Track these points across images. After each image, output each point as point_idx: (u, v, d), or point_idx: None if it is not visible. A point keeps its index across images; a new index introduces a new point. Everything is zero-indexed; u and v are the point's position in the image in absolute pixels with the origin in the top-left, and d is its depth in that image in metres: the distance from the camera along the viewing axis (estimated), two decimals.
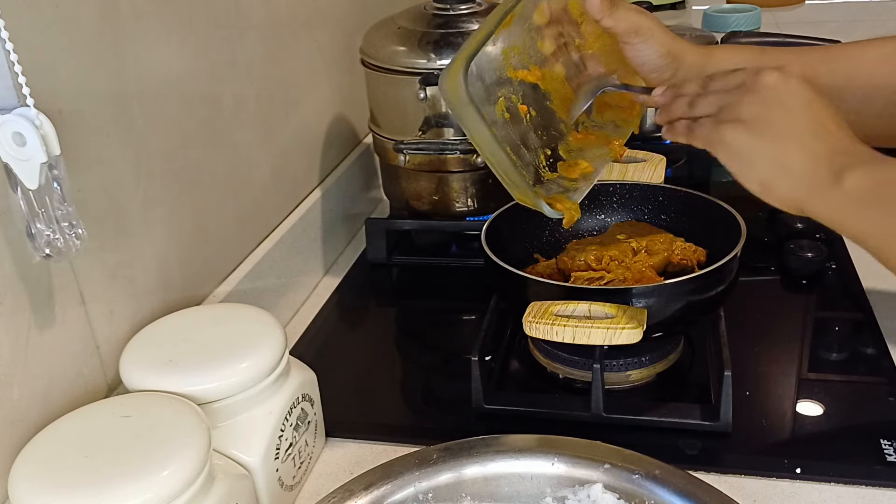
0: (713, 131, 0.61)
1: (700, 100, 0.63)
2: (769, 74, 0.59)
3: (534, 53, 0.71)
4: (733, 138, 0.59)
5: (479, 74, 0.66)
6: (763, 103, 0.59)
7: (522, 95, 0.70)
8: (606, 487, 0.58)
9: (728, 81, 0.62)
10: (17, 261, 0.56)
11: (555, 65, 0.73)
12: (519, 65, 0.70)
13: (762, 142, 0.58)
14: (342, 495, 0.57)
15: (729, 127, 0.59)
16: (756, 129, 0.58)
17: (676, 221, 0.87)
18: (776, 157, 0.58)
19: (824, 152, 0.57)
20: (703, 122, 0.62)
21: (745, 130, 0.59)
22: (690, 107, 0.64)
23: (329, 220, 1.04)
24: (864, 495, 0.64)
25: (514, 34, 0.69)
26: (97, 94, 0.64)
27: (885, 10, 1.77)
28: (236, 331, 0.66)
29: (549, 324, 0.66)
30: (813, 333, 0.85)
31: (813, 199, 0.57)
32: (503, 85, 0.69)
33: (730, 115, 0.60)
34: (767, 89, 0.59)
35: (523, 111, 0.70)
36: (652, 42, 0.72)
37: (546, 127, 0.72)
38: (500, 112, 0.67)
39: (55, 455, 0.53)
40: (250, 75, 0.87)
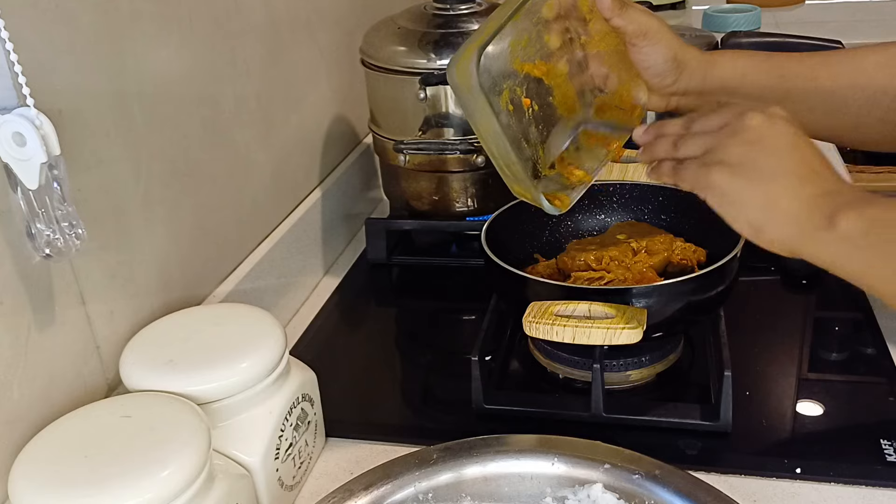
0: (699, 174, 0.60)
1: (684, 141, 0.62)
2: (754, 116, 0.59)
3: (540, 47, 0.71)
4: (720, 181, 0.59)
5: (487, 65, 0.65)
6: (749, 145, 0.58)
7: (527, 89, 0.70)
8: (606, 487, 0.58)
9: (711, 122, 0.61)
10: (17, 261, 0.56)
11: (559, 61, 0.72)
12: (525, 58, 0.70)
13: (749, 185, 0.58)
14: (342, 495, 0.57)
15: (715, 170, 0.59)
16: (742, 172, 0.58)
17: (676, 221, 0.87)
18: (764, 200, 0.58)
19: (813, 195, 0.57)
20: (688, 165, 0.62)
21: (732, 173, 0.58)
22: (674, 147, 0.63)
23: (329, 220, 1.04)
24: (864, 495, 0.64)
25: (522, 27, 0.69)
26: (97, 94, 0.64)
27: (885, 10, 1.77)
28: (236, 331, 0.66)
29: (549, 324, 0.66)
30: (813, 333, 0.85)
31: (805, 242, 0.57)
32: (509, 77, 0.68)
33: (715, 157, 0.59)
34: (752, 131, 0.58)
35: (526, 105, 0.70)
36: (659, 46, 0.72)
37: (546, 122, 0.71)
38: (504, 104, 0.67)
39: (55, 455, 0.53)
40: (250, 75, 0.87)
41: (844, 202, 0.56)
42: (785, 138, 0.59)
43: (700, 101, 0.76)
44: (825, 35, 1.16)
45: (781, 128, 0.59)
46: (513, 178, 0.69)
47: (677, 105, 0.76)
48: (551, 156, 0.72)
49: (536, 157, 0.70)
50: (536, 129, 0.71)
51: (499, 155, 0.68)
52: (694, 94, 0.75)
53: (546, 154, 0.71)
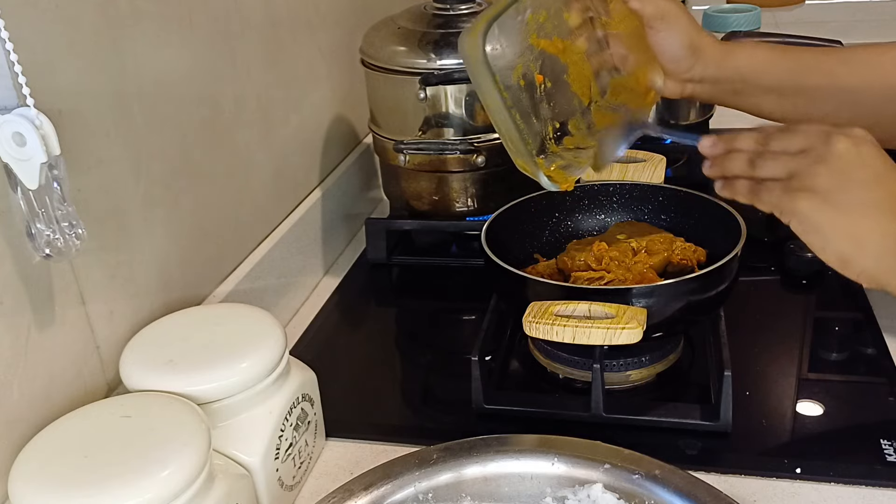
0: (785, 199, 0.59)
1: (764, 160, 0.61)
2: (841, 141, 0.57)
3: (558, 23, 0.70)
4: (807, 210, 0.57)
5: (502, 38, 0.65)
6: (838, 174, 0.57)
7: (541, 65, 0.70)
8: (606, 487, 0.58)
9: (793, 143, 0.60)
10: (17, 261, 0.56)
11: (578, 38, 0.72)
12: (542, 34, 0.69)
13: (838, 216, 0.57)
14: (342, 495, 0.57)
15: (802, 197, 0.57)
16: (831, 202, 0.57)
17: (676, 221, 0.87)
18: (854, 233, 0.57)
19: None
20: (770, 187, 0.60)
21: (821, 202, 0.57)
22: (751, 166, 0.61)
23: (329, 220, 1.04)
24: (864, 495, 0.64)
25: (540, 2, 0.68)
26: (97, 94, 0.64)
27: (886, 10, 1.77)
28: (236, 331, 0.66)
29: (549, 324, 0.66)
30: (813, 333, 0.85)
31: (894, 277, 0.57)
32: (524, 51, 0.68)
33: (802, 183, 0.58)
34: (841, 158, 0.57)
35: (539, 80, 0.69)
36: (676, 30, 0.71)
37: (559, 100, 0.71)
38: (516, 78, 0.67)
39: (55, 455, 0.53)
40: (250, 75, 0.87)
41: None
42: (873, 167, 0.57)
43: (715, 90, 0.75)
44: (825, 35, 1.16)
45: (869, 155, 0.58)
46: (515, 150, 0.69)
47: (692, 92, 0.76)
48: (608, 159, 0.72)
49: (545, 133, 0.70)
50: (548, 105, 0.70)
51: (502, 127, 0.67)
52: (709, 81, 0.75)
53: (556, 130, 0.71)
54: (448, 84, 0.92)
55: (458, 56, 0.89)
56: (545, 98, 0.70)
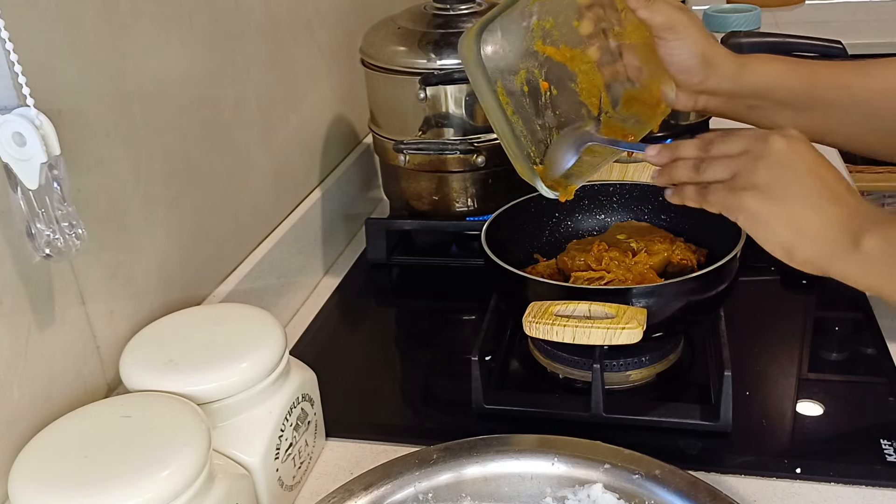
0: (730, 198, 0.62)
1: (708, 165, 0.63)
2: (777, 140, 0.61)
3: (567, 32, 0.70)
4: (751, 204, 0.60)
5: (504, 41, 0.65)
6: (776, 168, 0.60)
7: (546, 72, 0.69)
8: (606, 487, 0.58)
9: (732, 146, 0.63)
10: (17, 261, 0.56)
11: (589, 48, 0.72)
12: (549, 41, 0.69)
13: (780, 207, 0.59)
14: (342, 495, 0.57)
15: (746, 194, 0.60)
16: (772, 195, 0.60)
17: (676, 221, 0.87)
18: (794, 222, 0.59)
19: (839, 217, 0.59)
20: (715, 189, 0.63)
21: (763, 196, 0.60)
22: (697, 171, 0.64)
23: (329, 220, 1.04)
24: (864, 495, 0.64)
25: (549, 9, 0.68)
26: (97, 94, 0.64)
27: (886, 10, 1.77)
28: (236, 331, 0.66)
29: (549, 324, 0.66)
30: (813, 333, 0.85)
31: (834, 262, 0.59)
32: (528, 57, 0.68)
33: (745, 181, 0.61)
34: (777, 155, 0.60)
35: (544, 87, 0.69)
36: (686, 41, 0.71)
37: (565, 108, 0.71)
38: (518, 83, 0.67)
39: (55, 455, 0.53)
40: (250, 75, 0.87)
41: (869, 222, 0.58)
42: (808, 162, 0.60)
43: (730, 104, 0.76)
44: (825, 35, 1.16)
45: (803, 151, 0.61)
46: (513, 156, 0.69)
47: (705, 105, 0.75)
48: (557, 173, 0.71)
49: (549, 141, 0.70)
50: (553, 113, 0.70)
51: (500, 130, 0.67)
52: (724, 95, 0.75)
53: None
54: (448, 84, 0.92)
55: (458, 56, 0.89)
56: (550, 105, 0.70)
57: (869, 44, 1.55)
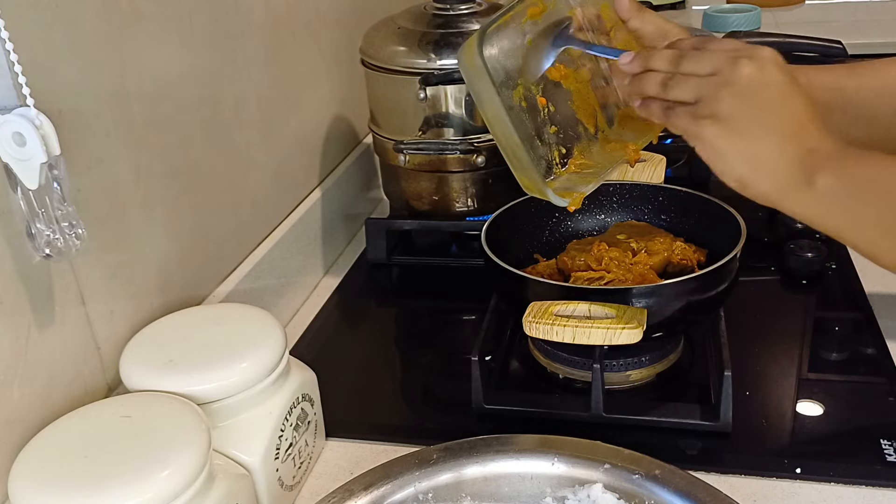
0: (691, 124, 0.61)
1: (676, 82, 0.62)
2: (746, 65, 0.59)
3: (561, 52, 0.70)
4: (710, 135, 0.59)
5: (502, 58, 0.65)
6: (739, 97, 0.59)
7: (543, 89, 0.70)
8: (606, 487, 0.58)
9: (702, 65, 0.61)
10: (17, 261, 0.56)
11: (581, 68, 0.72)
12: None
13: (738, 140, 0.59)
14: (342, 495, 0.57)
15: (706, 123, 0.59)
16: (732, 126, 0.59)
17: (676, 221, 0.87)
18: (752, 156, 0.59)
19: (796, 153, 0.58)
20: (679, 112, 0.62)
21: (723, 128, 0.59)
22: (664, 88, 0.63)
23: (329, 220, 1.04)
24: (864, 495, 0.64)
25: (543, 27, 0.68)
26: (97, 94, 0.64)
27: (886, 10, 1.77)
28: (236, 331, 0.66)
29: (549, 324, 0.66)
30: (813, 333, 0.85)
31: (786, 198, 0.59)
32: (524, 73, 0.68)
33: (707, 109, 0.60)
34: (744, 82, 0.59)
35: (542, 104, 0.69)
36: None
37: (563, 125, 0.71)
38: (517, 98, 0.67)
39: (55, 455, 0.53)
40: (250, 75, 0.87)
41: (824, 160, 0.58)
42: (775, 90, 0.59)
43: None
44: (825, 35, 1.16)
45: (773, 77, 0.59)
46: (519, 166, 0.68)
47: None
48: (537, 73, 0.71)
49: (551, 157, 0.70)
50: (553, 129, 0.70)
51: (504, 141, 0.67)
52: None
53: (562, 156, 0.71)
54: (448, 84, 0.92)
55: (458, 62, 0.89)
56: (549, 122, 0.70)
57: (869, 44, 1.55)
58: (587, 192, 0.71)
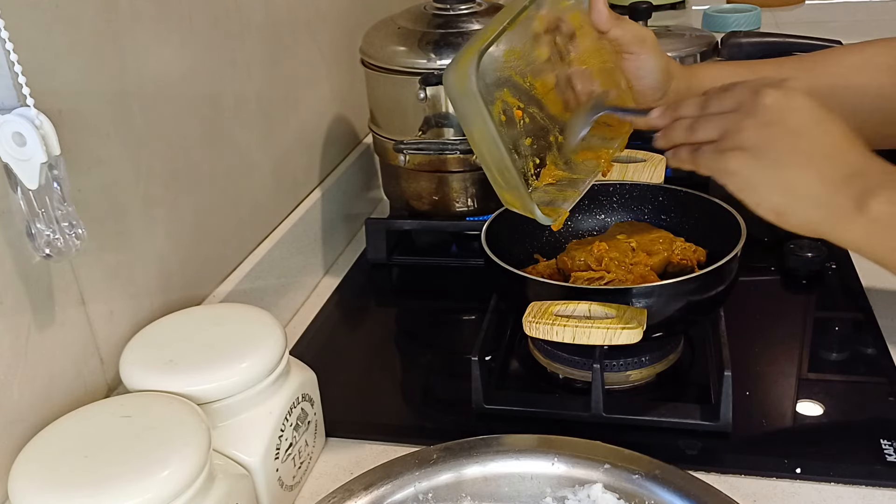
0: (717, 160, 0.58)
1: (700, 124, 0.60)
2: (768, 94, 0.57)
3: (532, 60, 0.71)
4: (738, 167, 0.57)
5: (483, 71, 0.65)
6: (765, 127, 0.56)
7: (519, 100, 0.70)
8: (606, 487, 0.58)
9: (725, 102, 0.59)
10: (17, 261, 0.56)
11: (549, 74, 0.72)
12: (518, 70, 0.70)
13: (769, 169, 0.56)
14: (342, 495, 0.57)
15: (733, 156, 0.57)
16: (761, 156, 0.56)
17: (676, 221, 0.87)
18: (786, 184, 0.56)
19: (839, 176, 0.55)
20: (705, 150, 0.60)
21: (750, 158, 0.56)
22: (691, 131, 0.61)
23: (329, 220, 1.04)
24: (864, 495, 0.64)
25: (515, 38, 0.68)
26: (97, 94, 0.64)
27: (885, 10, 1.77)
28: (236, 331, 0.66)
29: (549, 324, 0.66)
30: (813, 333, 0.85)
31: (832, 226, 0.56)
32: (502, 87, 0.68)
33: (732, 142, 0.57)
34: (768, 111, 0.56)
35: (518, 116, 0.69)
36: (655, 54, 0.72)
37: (537, 135, 0.71)
38: (496, 114, 0.67)
39: (55, 455, 0.53)
40: (250, 75, 0.87)
41: (874, 184, 0.54)
42: (803, 115, 0.56)
43: None
44: (825, 35, 1.16)
45: (800, 104, 0.56)
46: (506, 186, 0.68)
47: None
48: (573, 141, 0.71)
49: (527, 169, 0.70)
50: (528, 141, 0.70)
51: (492, 162, 0.67)
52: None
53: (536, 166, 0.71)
54: None
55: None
56: (524, 134, 0.70)
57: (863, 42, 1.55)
58: (568, 209, 0.72)
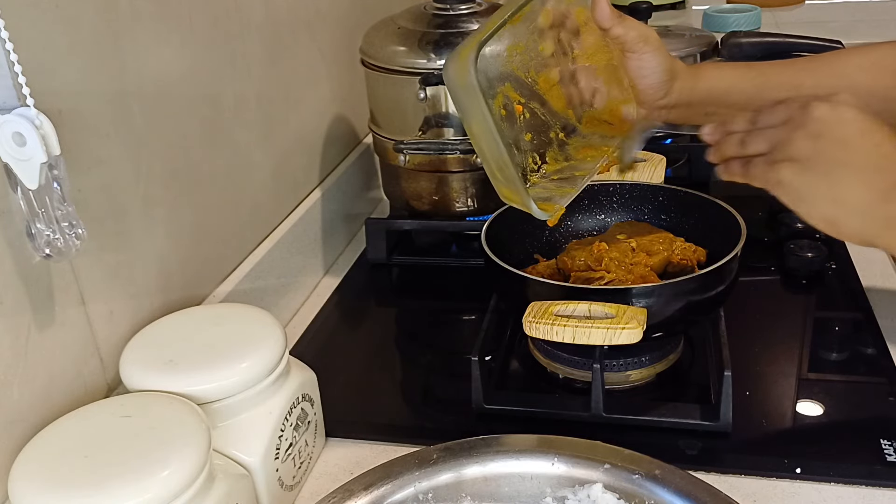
0: (769, 171, 0.59)
1: (751, 137, 0.61)
2: (818, 107, 0.58)
3: (535, 56, 0.71)
4: (789, 178, 0.58)
5: (484, 65, 0.65)
6: (815, 138, 0.57)
7: (520, 95, 0.70)
8: (606, 487, 0.58)
9: (776, 116, 0.60)
10: (17, 261, 0.56)
11: (552, 70, 0.72)
12: (520, 65, 0.70)
13: (819, 180, 0.57)
14: (342, 495, 0.57)
15: (784, 166, 0.58)
16: (811, 167, 0.57)
17: (676, 221, 0.87)
18: (837, 194, 0.57)
19: (889, 186, 0.56)
20: (757, 162, 0.61)
21: (801, 169, 0.57)
22: (742, 145, 0.62)
23: (329, 220, 1.04)
24: (864, 495, 0.64)
25: (519, 33, 0.69)
26: (97, 94, 0.64)
27: (885, 10, 1.77)
28: (236, 331, 0.66)
29: (549, 324, 0.66)
30: (813, 333, 0.85)
31: (884, 234, 0.56)
32: (504, 81, 0.68)
33: (783, 153, 0.58)
34: (817, 122, 0.57)
35: (518, 111, 0.70)
36: (658, 53, 0.72)
37: (537, 131, 0.71)
38: (497, 108, 0.67)
39: (55, 455, 0.53)
40: (250, 75, 0.87)
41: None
42: (852, 126, 0.57)
43: (688, 114, 0.76)
44: (825, 35, 1.16)
45: (848, 116, 0.57)
46: (503, 181, 0.68)
47: (666, 117, 0.76)
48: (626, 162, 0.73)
49: (526, 165, 0.70)
50: (527, 136, 0.70)
51: (490, 156, 0.67)
52: (682, 106, 0.75)
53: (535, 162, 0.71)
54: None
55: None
56: (524, 129, 0.70)
57: (869, 44, 1.55)
58: (565, 204, 0.72)
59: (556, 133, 0.73)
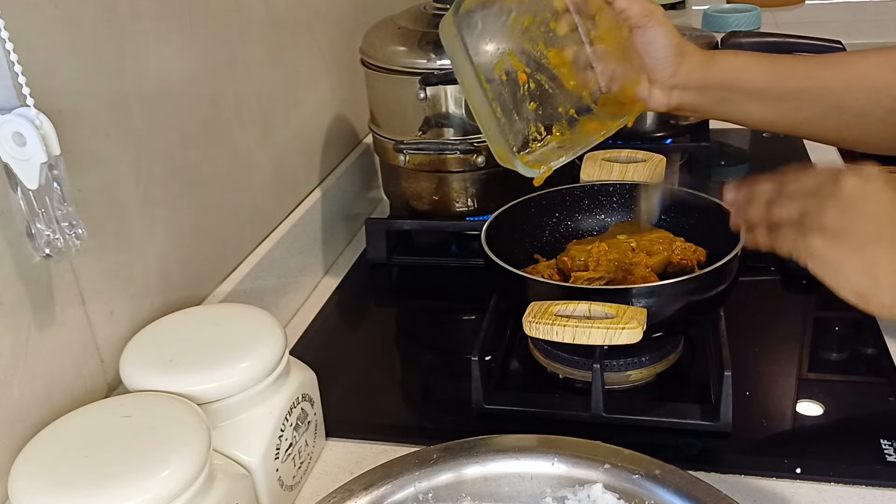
0: (798, 240, 0.58)
1: (779, 203, 0.61)
2: (849, 178, 0.57)
3: (545, 31, 0.72)
4: (819, 249, 0.57)
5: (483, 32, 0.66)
6: (847, 210, 0.56)
7: (525, 65, 0.71)
8: (606, 487, 0.58)
9: (805, 183, 0.60)
10: (17, 261, 0.56)
11: (565, 48, 0.73)
12: (527, 37, 0.71)
13: (850, 252, 0.56)
14: (342, 495, 0.57)
15: (814, 236, 0.57)
16: (841, 238, 0.56)
17: (676, 221, 0.87)
18: (866, 268, 0.56)
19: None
20: (785, 230, 0.60)
21: (832, 240, 0.56)
22: (769, 210, 0.61)
23: (329, 220, 1.04)
24: (864, 495, 0.64)
25: (528, 6, 0.69)
26: (97, 94, 0.64)
27: (886, 10, 1.77)
28: (236, 331, 0.66)
29: (549, 324, 0.66)
30: (813, 333, 0.85)
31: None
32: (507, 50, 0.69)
33: (814, 222, 0.57)
34: (849, 195, 0.57)
35: (522, 80, 0.70)
36: (663, 28, 0.73)
37: (544, 103, 0.72)
38: (497, 72, 0.68)
39: (55, 455, 0.53)
40: (250, 75, 0.87)
41: None
42: (883, 200, 0.57)
43: (702, 98, 0.76)
44: (825, 35, 1.16)
45: (878, 190, 0.57)
46: (491, 136, 0.69)
47: (679, 101, 0.76)
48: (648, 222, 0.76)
49: (528, 133, 0.71)
50: (532, 106, 0.71)
51: (477, 108, 0.68)
52: (695, 88, 0.76)
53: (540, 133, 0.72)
54: (448, 84, 0.92)
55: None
56: (529, 98, 0.70)
57: (869, 44, 1.55)
58: (555, 166, 0.72)
59: (566, 109, 0.73)
